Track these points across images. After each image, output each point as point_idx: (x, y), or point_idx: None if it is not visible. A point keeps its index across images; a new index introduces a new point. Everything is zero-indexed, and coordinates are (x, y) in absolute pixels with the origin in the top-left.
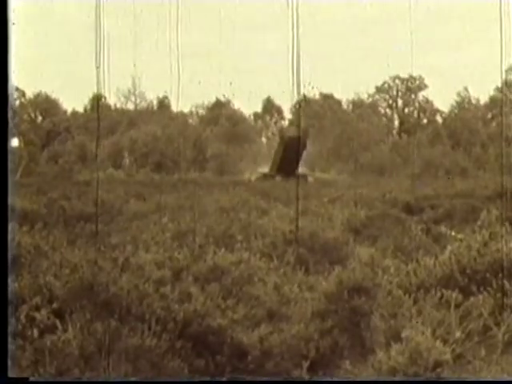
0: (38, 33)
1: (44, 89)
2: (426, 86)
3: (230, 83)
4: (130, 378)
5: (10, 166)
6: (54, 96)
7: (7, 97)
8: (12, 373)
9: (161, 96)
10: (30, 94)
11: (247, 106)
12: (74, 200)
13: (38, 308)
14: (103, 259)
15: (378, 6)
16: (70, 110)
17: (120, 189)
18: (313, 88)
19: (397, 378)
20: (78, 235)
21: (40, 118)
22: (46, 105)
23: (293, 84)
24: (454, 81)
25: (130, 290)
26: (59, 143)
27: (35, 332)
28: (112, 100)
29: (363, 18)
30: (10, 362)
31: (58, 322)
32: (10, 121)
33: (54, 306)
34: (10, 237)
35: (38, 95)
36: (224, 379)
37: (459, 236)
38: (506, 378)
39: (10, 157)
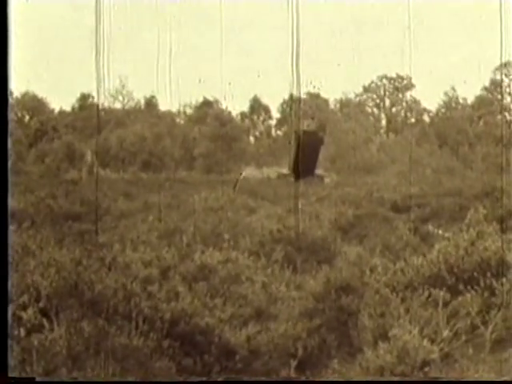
0: (36, 32)
1: (38, 89)
2: (413, 86)
3: (229, 83)
4: (128, 378)
5: None
6: (45, 95)
7: (7, 97)
8: None
9: (148, 96)
10: (17, 93)
11: (245, 105)
12: (61, 199)
13: (24, 307)
14: (90, 258)
15: (370, 6)
16: (57, 109)
17: (107, 188)
18: (314, 87)
19: (388, 378)
20: (65, 234)
21: (27, 117)
22: (33, 104)
23: (292, 83)
24: (441, 80)
25: (116, 289)
26: (46, 142)
27: (22, 331)
28: (100, 99)
29: (356, 19)
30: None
31: (45, 322)
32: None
33: (41, 305)
34: None
35: (25, 94)
36: (222, 379)
37: (446, 235)
38: (494, 378)
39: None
